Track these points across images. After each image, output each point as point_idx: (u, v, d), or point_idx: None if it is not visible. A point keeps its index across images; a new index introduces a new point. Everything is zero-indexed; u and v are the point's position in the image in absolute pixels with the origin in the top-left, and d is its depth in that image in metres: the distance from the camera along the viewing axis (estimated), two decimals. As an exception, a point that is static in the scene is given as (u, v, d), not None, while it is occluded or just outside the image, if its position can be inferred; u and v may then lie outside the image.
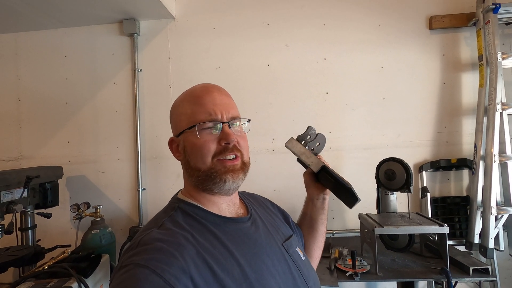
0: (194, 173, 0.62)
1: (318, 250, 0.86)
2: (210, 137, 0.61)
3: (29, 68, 1.99)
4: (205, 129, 0.61)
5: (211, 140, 0.60)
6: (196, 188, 0.64)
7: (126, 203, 1.93)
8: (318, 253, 0.87)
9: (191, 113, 0.62)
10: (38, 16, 1.80)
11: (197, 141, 0.60)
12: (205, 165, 0.61)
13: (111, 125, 1.94)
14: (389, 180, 1.38)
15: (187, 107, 0.63)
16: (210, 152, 0.60)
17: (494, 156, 1.53)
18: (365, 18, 1.81)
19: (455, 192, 1.78)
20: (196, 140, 0.60)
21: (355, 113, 1.82)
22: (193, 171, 0.62)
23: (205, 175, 0.61)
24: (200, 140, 0.60)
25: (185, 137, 0.63)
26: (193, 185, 0.64)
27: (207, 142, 0.60)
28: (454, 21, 1.74)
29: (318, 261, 0.88)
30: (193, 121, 0.61)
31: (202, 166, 0.61)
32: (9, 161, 1.98)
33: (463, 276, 1.21)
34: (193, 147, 0.61)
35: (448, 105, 1.78)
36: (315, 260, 0.87)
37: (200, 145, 0.60)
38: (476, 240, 1.58)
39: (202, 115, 0.61)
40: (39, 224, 1.64)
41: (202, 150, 0.60)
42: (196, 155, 0.61)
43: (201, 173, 0.61)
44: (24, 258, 1.32)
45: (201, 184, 0.62)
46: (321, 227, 0.85)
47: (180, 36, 1.92)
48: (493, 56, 1.56)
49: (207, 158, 0.60)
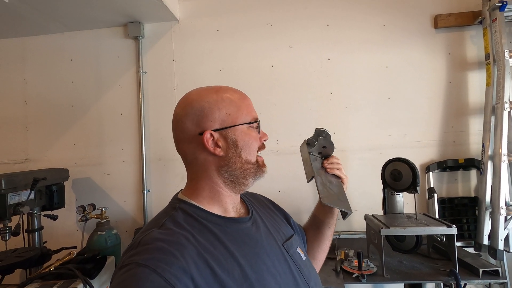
0: (244, 166, 0.64)
1: (323, 253, 0.86)
2: (258, 134, 0.67)
3: (36, 72, 2.02)
4: (257, 127, 0.67)
5: (258, 137, 0.67)
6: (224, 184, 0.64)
7: (131, 205, 1.94)
8: (322, 256, 0.86)
9: (243, 110, 0.65)
10: (44, 21, 1.82)
11: (254, 135, 0.65)
12: (255, 158, 0.66)
13: (116, 127, 1.96)
14: (395, 181, 1.36)
15: (237, 103, 0.64)
16: (257, 147, 0.67)
17: (502, 156, 1.51)
18: (369, 18, 1.80)
19: (462, 192, 1.75)
20: (253, 135, 0.65)
21: (360, 114, 1.81)
22: (243, 164, 0.64)
23: (253, 168, 0.65)
24: (256, 135, 0.66)
25: (236, 131, 0.63)
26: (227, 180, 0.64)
27: (258, 138, 0.67)
28: (460, 19, 1.72)
29: (321, 263, 0.87)
30: (251, 117, 0.65)
31: (253, 159, 0.65)
32: (16, 164, 2.00)
33: (472, 278, 1.19)
34: (249, 141, 0.64)
35: (454, 105, 1.76)
36: (319, 263, 0.86)
37: (254, 139, 0.65)
38: (485, 242, 1.55)
39: (254, 114, 0.67)
40: (45, 226, 1.65)
41: (255, 145, 0.66)
42: (250, 148, 0.65)
43: (251, 166, 0.65)
44: (31, 259, 1.33)
45: (242, 177, 0.65)
46: (328, 231, 0.85)
47: (184, 38, 1.93)
48: (500, 55, 1.54)
49: (255, 152, 0.66)
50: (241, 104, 0.65)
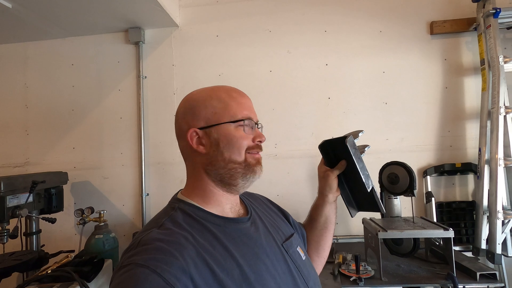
0: (227, 165, 0.63)
1: (327, 249, 0.87)
2: (248, 133, 0.66)
3: (37, 76, 2.04)
4: (244, 126, 0.65)
5: (248, 136, 0.65)
6: (214, 183, 0.64)
7: (129, 208, 1.94)
8: (327, 252, 0.87)
9: (231, 108, 0.64)
10: (46, 26, 1.85)
11: (238, 134, 0.64)
12: (241, 157, 0.64)
13: (116, 131, 1.97)
14: (393, 184, 1.37)
15: (225, 101, 0.64)
16: (245, 146, 0.65)
17: (499, 160, 1.52)
18: (366, 24, 1.83)
19: (460, 197, 1.76)
20: (237, 133, 0.64)
21: (358, 118, 1.83)
22: (226, 163, 0.63)
23: (239, 167, 0.64)
24: (241, 134, 0.64)
25: (220, 129, 0.63)
26: (215, 179, 0.64)
27: (245, 137, 0.65)
28: (455, 26, 1.75)
29: (325, 260, 0.87)
30: (236, 116, 0.64)
31: (238, 158, 0.64)
32: (16, 167, 2.01)
33: (469, 281, 1.19)
34: (231, 139, 0.63)
35: (451, 109, 1.77)
36: (323, 260, 0.86)
37: (239, 137, 0.64)
38: (483, 246, 1.55)
39: (244, 112, 0.65)
40: (43, 229, 1.65)
41: (241, 143, 0.64)
42: (233, 147, 0.63)
43: (236, 165, 0.64)
44: (28, 263, 1.32)
45: (229, 177, 0.64)
46: (332, 226, 0.86)
47: (184, 43, 1.96)
48: (495, 60, 1.57)
49: (243, 151, 0.64)
50: (231, 103, 0.65)
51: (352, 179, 0.80)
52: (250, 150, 0.65)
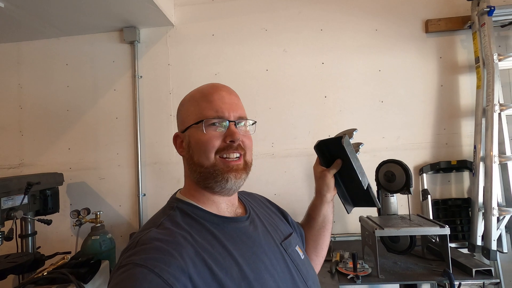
0: (197, 168, 0.62)
1: (326, 248, 0.87)
2: (216, 133, 0.61)
3: (31, 77, 2.02)
4: (211, 125, 0.61)
5: (216, 137, 0.61)
6: (197, 185, 0.64)
7: (126, 209, 1.93)
8: (325, 251, 0.87)
9: (199, 109, 0.63)
10: (39, 25, 1.83)
11: (202, 136, 0.61)
12: (209, 161, 0.61)
13: (112, 131, 1.95)
14: (389, 182, 1.38)
15: (196, 103, 0.64)
16: (214, 148, 0.61)
17: (494, 157, 1.53)
18: (362, 23, 1.84)
19: (456, 194, 1.77)
20: (201, 136, 0.61)
21: (354, 117, 1.83)
22: (196, 166, 0.62)
23: (207, 172, 0.61)
24: (205, 135, 0.61)
25: (191, 132, 0.63)
26: (195, 182, 0.64)
27: (212, 138, 0.61)
28: (450, 24, 1.76)
29: (323, 259, 0.88)
30: (200, 116, 0.62)
31: (205, 162, 0.61)
32: (10, 169, 1.99)
33: (465, 278, 1.20)
34: (197, 142, 0.62)
35: (446, 107, 1.78)
36: (321, 259, 0.87)
37: (205, 140, 0.61)
38: (479, 242, 1.56)
39: (210, 112, 0.62)
40: (39, 231, 1.64)
41: (207, 145, 0.61)
42: (200, 150, 0.62)
43: (204, 169, 0.61)
44: (24, 265, 1.31)
45: (202, 181, 0.62)
46: (330, 225, 0.86)
47: (180, 43, 1.95)
48: (490, 58, 1.58)
49: (211, 154, 0.61)
50: (201, 103, 0.63)
51: (347, 176, 0.80)
52: (223, 153, 0.61)
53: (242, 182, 0.64)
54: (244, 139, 0.64)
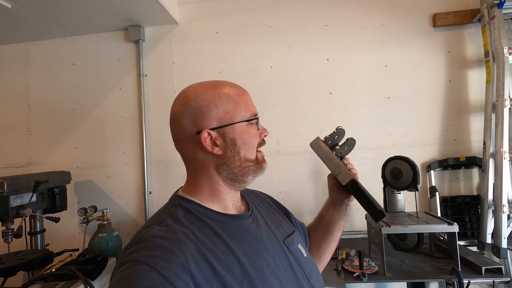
0: (243, 163, 0.63)
1: (329, 254, 0.85)
2: (257, 130, 0.66)
3: (38, 76, 2.04)
4: (256, 123, 0.65)
5: (258, 134, 0.66)
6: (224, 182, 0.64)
7: (132, 207, 1.94)
8: (328, 256, 0.85)
9: (241, 106, 0.63)
10: (46, 26, 1.85)
11: (253, 132, 0.64)
12: (254, 155, 0.65)
13: (118, 130, 1.97)
14: (396, 179, 1.36)
15: (235, 99, 0.63)
16: (256, 144, 0.66)
17: (504, 153, 1.50)
18: (368, 18, 1.81)
19: (465, 191, 1.74)
20: (251, 132, 0.64)
21: (360, 113, 1.81)
22: (242, 162, 0.63)
23: (252, 166, 0.64)
24: (255, 132, 0.65)
25: (235, 128, 0.62)
26: (226, 178, 0.64)
27: (257, 134, 0.66)
28: (458, 18, 1.72)
29: (326, 264, 0.86)
30: (246, 114, 0.64)
31: (252, 156, 0.65)
32: (19, 167, 2.02)
33: (475, 276, 1.18)
34: (248, 138, 0.63)
35: (455, 103, 1.75)
36: (323, 263, 0.85)
37: (253, 136, 0.64)
38: (489, 240, 1.53)
39: (253, 109, 0.65)
40: (47, 228, 1.66)
41: (255, 141, 0.65)
42: (249, 146, 0.64)
43: (250, 163, 0.64)
44: (33, 262, 1.33)
45: (242, 175, 0.64)
46: (338, 233, 0.83)
47: (184, 41, 1.95)
48: (500, 52, 1.54)
49: (255, 149, 0.66)
50: (239, 100, 0.64)
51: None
52: (259, 148, 0.67)
53: None
54: None
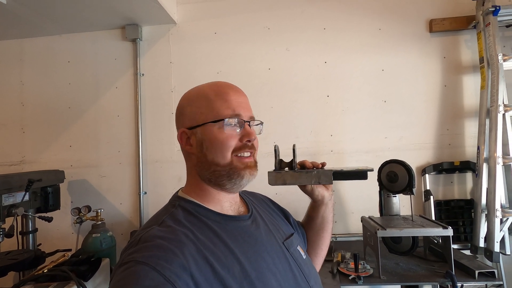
0: (211, 167, 0.62)
1: (325, 248, 0.86)
2: (234, 133, 0.62)
3: (33, 74, 2.02)
4: (229, 125, 0.61)
5: (233, 136, 0.62)
6: (203, 183, 0.64)
7: (127, 207, 1.92)
8: (325, 251, 0.87)
9: (215, 107, 0.62)
10: (42, 23, 1.83)
11: (220, 135, 0.61)
12: (225, 160, 0.61)
13: (113, 129, 1.95)
14: (391, 182, 1.37)
15: (209, 100, 0.62)
16: (231, 147, 0.61)
17: (497, 158, 1.52)
18: (365, 22, 1.83)
19: (459, 195, 1.76)
20: (219, 134, 0.61)
21: (357, 116, 1.82)
22: (209, 165, 0.62)
23: (222, 170, 0.61)
24: (224, 134, 0.61)
25: (204, 130, 0.62)
26: (203, 179, 0.64)
27: (230, 137, 0.61)
28: (454, 24, 1.74)
29: (323, 259, 0.87)
30: (218, 115, 0.61)
31: (221, 160, 0.61)
32: (12, 166, 1.99)
33: (468, 279, 1.18)
34: (214, 140, 0.61)
35: (450, 108, 1.77)
36: (321, 259, 0.86)
37: (222, 139, 0.61)
38: (482, 244, 1.55)
39: (227, 111, 0.61)
40: (40, 228, 1.64)
41: (224, 145, 0.61)
42: (216, 149, 0.61)
43: (220, 168, 0.61)
44: (24, 262, 1.31)
45: (215, 179, 0.62)
46: (330, 225, 0.85)
47: (182, 41, 1.94)
48: (494, 58, 1.56)
49: (227, 153, 0.61)
50: (217, 101, 0.62)
51: None
52: (238, 152, 0.62)
53: (253, 179, 0.65)
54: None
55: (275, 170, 0.75)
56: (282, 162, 0.76)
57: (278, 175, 0.74)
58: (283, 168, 0.75)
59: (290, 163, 0.75)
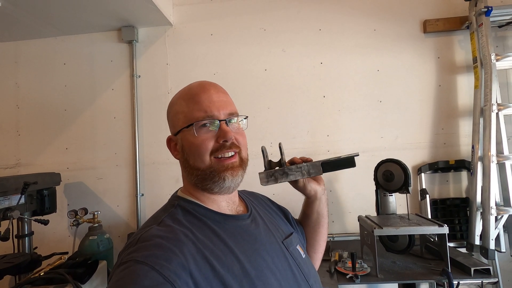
0: (193, 171, 0.62)
1: (323, 244, 0.86)
2: (208, 135, 0.60)
3: (28, 76, 2.01)
4: (202, 127, 0.60)
5: (208, 138, 0.60)
6: (195, 186, 0.64)
7: (124, 209, 1.92)
8: (323, 247, 0.87)
9: (187, 111, 0.61)
10: (37, 25, 1.82)
11: (194, 139, 0.60)
12: (204, 163, 0.60)
13: (110, 131, 1.95)
14: (388, 181, 1.38)
15: (184, 105, 0.63)
16: (208, 150, 0.60)
17: (491, 157, 1.54)
18: (361, 23, 1.84)
19: (454, 193, 1.78)
20: (193, 139, 0.60)
21: (353, 116, 1.83)
22: (192, 170, 0.62)
23: (204, 174, 0.61)
24: (197, 138, 0.60)
25: (183, 135, 0.62)
26: (193, 183, 0.64)
27: (205, 140, 0.60)
28: (448, 24, 1.77)
29: (322, 253, 0.87)
30: (190, 119, 0.61)
31: (201, 165, 0.61)
32: (7, 169, 1.97)
33: (464, 277, 1.20)
34: (191, 145, 0.61)
35: (444, 107, 1.79)
36: (320, 255, 0.86)
37: (198, 143, 0.60)
38: (477, 242, 1.57)
39: (199, 113, 0.60)
40: (36, 231, 1.62)
41: (200, 148, 0.60)
42: (194, 154, 0.61)
43: (201, 172, 0.61)
44: (20, 265, 1.30)
45: (200, 182, 0.62)
46: (326, 220, 0.85)
47: (178, 42, 1.94)
48: (487, 58, 1.59)
49: (205, 157, 0.60)
50: (189, 105, 0.62)
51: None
52: (218, 154, 0.61)
53: (240, 179, 0.63)
54: (237, 137, 0.63)
55: (265, 170, 0.75)
56: (271, 163, 0.76)
57: (269, 175, 0.74)
58: (274, 167, 0.76)
59: (279, 161, 0.75)
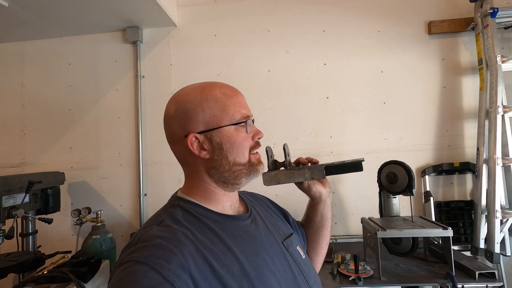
0: (232, 167, 0.63)
1: (325, 247, 0.86)
2: (247, 133, 0.64)
3: (34, 76, 2.03)
4: (246, 126, 0.64)
5: (248, 136, 0.65)
6: (216, 184, 0.64)
7: (127, 209, 1.92)
8: (325, 250, 0.86)
9: (229, 109, 0.62)
10: (43, 25, 1.84)
11: (240, 136, 0.63)
12: (245, 159, 0.64)
13: (113, 131, 1.96)
14: (391, 183, 1.37)
15: (222, 102, 0.62)
16: (249, 146, 0.65)
17: (497, 159, 1.52)
18: (365, 24, 1.84)
19: (458, 196, 1.76)
20: (238, 136, 0.62)
21: (356, 118, 1.83)
22: (231, 166, 0.62)
23: (243, 169, 0.63)
24: (244, 135, 0.63)
25: (220, 132, 0.61)
26: (217, 181, 0.64)
27: (248, 137, 0.64)
28: (453, 26, 1.75)
29: (323, 258, 0.87)
30: (234, 117, 0.62)
31: (242, 160, 0.63)
32: (12, 168, 1.99)
33: (468, 280, 1.18)
34: (234, 142, 0.62)
35: (449, 109, 1.78)
36: (321, 258, 0.86)
37: (241, 140, 0.63)
38: (482, 245, 1.55)
39: (242, 112, 0.63)
40: (40, 230, 1.64)
41: (244, 145, 0.63)
42: (237, 150, 0.62)
43: (241, 167, 0.63)
44: (24, 264, 1.31)
45: (233, 179, 0.63)
46: (329, 223, 0.85)
47: (182, 43, 1.95)
48: (493, 60, 1.57)
49: (247, 153, 0.64)
50: (228, 103, 0.62)
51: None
52: (253, 150, 0.65)
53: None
54: None
55: (269, 171, 0.75)
56: (276, 162, 0.77)
57: (272, 175, 0.75)
58: (278, 168, 0.76)
59: (284, 162, 0.76)
